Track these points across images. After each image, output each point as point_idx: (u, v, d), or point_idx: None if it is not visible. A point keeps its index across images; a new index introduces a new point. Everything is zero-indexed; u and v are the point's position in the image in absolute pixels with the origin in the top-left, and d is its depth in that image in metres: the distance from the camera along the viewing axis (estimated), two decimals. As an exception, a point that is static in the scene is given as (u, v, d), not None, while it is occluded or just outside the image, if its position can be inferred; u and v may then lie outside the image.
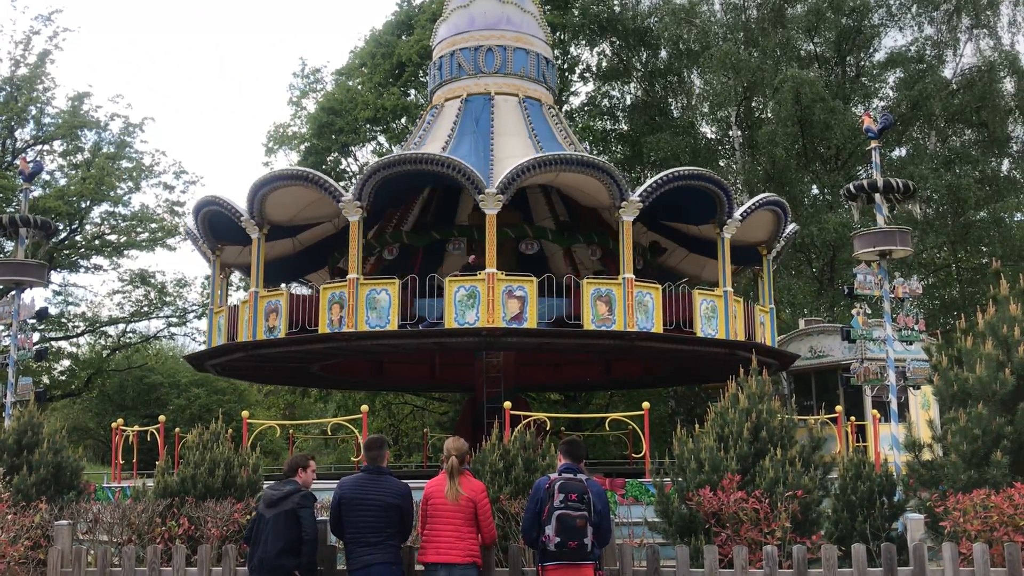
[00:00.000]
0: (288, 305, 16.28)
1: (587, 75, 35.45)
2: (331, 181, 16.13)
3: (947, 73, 31.51)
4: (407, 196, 18.69)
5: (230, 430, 10.75)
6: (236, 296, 31.87)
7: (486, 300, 15.08)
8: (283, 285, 19.21)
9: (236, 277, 26.36)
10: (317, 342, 15.95)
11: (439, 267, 18.60)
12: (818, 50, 32.27)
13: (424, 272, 16.78)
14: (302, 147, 33.40)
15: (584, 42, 34.54)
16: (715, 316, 16.37)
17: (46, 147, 32.02)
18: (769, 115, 30.71)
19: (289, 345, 16.27)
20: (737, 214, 16.69)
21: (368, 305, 15.43)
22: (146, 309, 34.50)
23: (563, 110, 31.00)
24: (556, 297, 15.97)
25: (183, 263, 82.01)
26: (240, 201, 16.86)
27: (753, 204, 17.19)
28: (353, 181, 32.42)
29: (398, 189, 16.85)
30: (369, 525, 7.20)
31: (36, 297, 14.43)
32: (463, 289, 15.32)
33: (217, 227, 17.90)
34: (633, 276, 15.68)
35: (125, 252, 33.23)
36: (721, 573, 7.54)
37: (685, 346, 16.33)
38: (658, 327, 15.72)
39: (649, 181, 16.25)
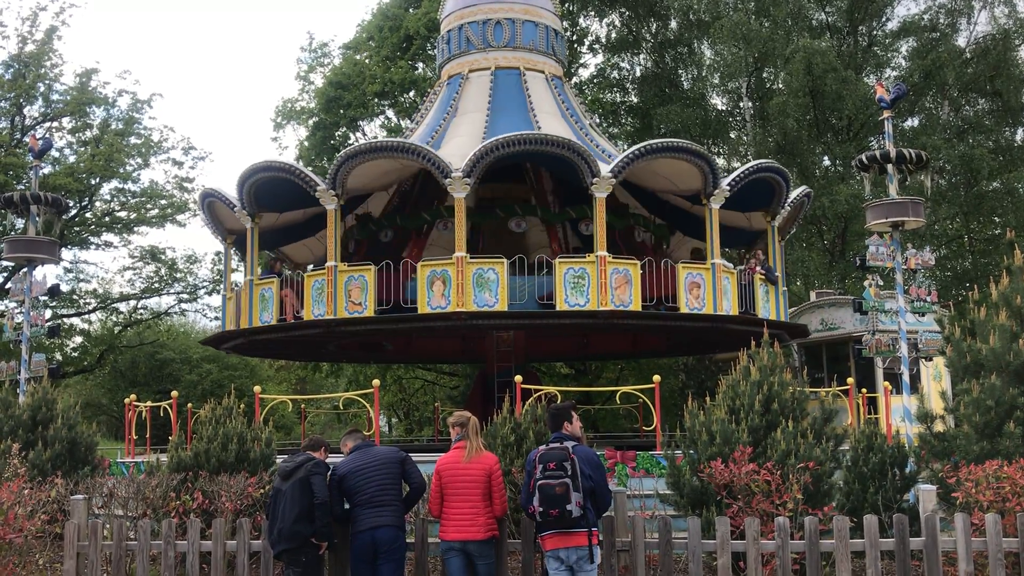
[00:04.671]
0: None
1: (596, 47, 35.18)
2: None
3: (961, 42, 31.18)
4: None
5: (242, 405, 10.82)
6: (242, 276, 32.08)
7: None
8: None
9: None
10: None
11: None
12: (830, 19, 31.92)
13: (418, 255, 16.87)
14: (310, 122, 33.31)
15: (593, 13, 34.25)
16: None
17: (55, 124, 32.01)
18: (780, 86, 30.44)
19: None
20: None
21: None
22: (157, 285, 34.64)
23: (572, 82, 30.79)
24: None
25: (193, 239, 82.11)
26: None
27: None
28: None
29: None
30: (376, 485, 7.39)
31: (48, 274, 14.53)
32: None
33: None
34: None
35: (135, 228, 33.30)
36: (733, 544, 7.56)
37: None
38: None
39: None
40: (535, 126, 17.43)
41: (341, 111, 31.80)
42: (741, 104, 32.52)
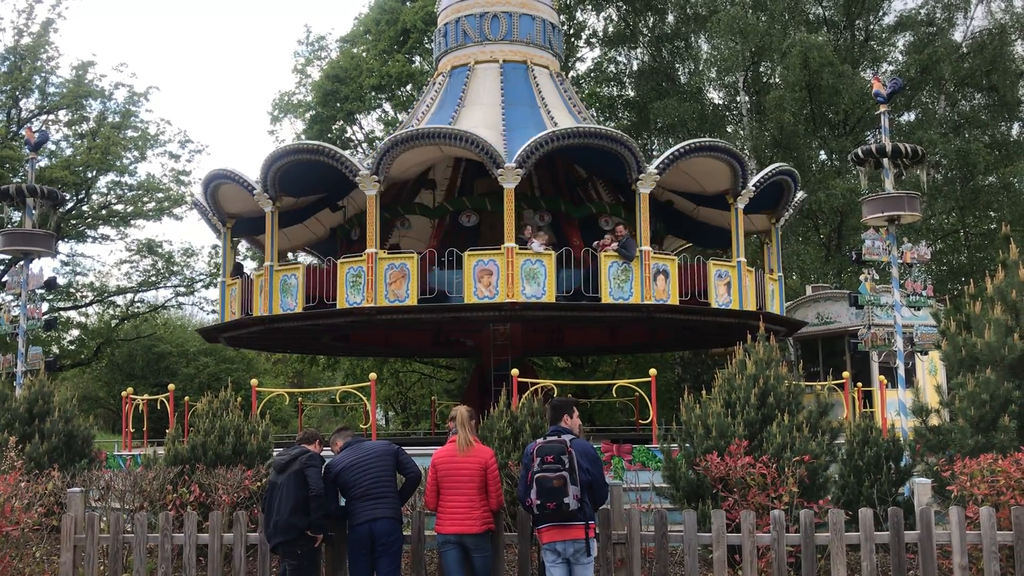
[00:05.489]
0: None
1: (593, 40, 35.16)
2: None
3: (957, 36, 31.18)
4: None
5: (239, 398, 10.82)
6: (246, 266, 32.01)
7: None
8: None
9: (243, 247, 26.44)
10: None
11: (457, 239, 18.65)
12: (827, 14, 31.92)
13: (443, 244, 16.86)
14: (307, 116, 33.27)
15: (590, 7, 34.20)
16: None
17: (51, 117, 31.97)
18: (777, 80, 30.43)
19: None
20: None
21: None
22: (154, 279, 34.62)
23: (569, 76, 30.78)
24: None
25: (190, 232, 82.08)
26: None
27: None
28: (360, 149, 32.35)
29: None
30: (372, 477, 7.44)
31: (44, 267, 14.54)
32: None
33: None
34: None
35: (132, 222, 33.29)
36: (729, 537, 7.59)
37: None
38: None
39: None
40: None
41: (338, 104, 31.76)
42: (738, 98, 32.50)
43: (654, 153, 27.77)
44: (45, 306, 28.94)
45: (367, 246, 15.58)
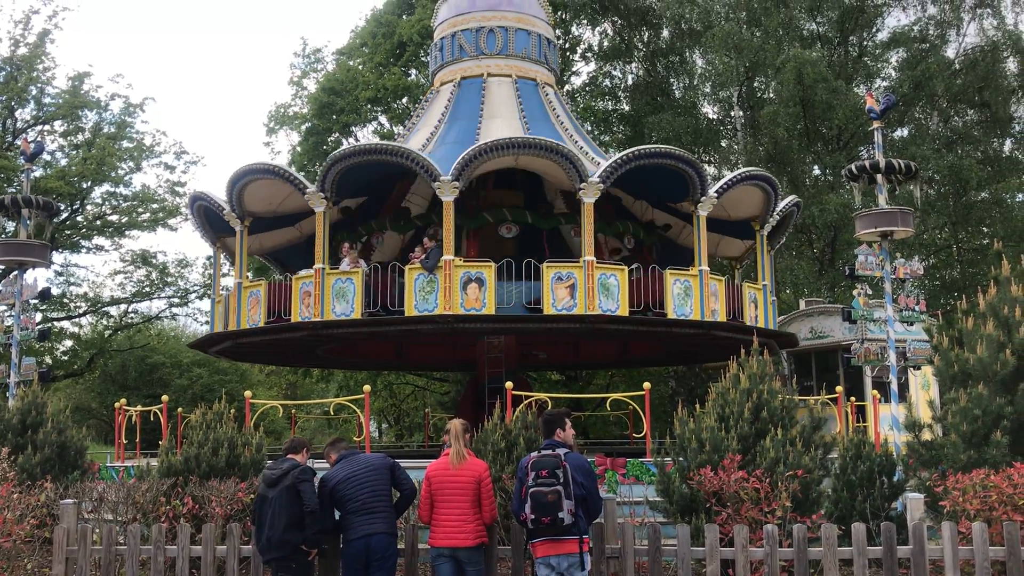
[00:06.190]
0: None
1: (588, 55, 35.30)
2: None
3: (950, 53, 31.40)
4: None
5: (232, 410, 10.81)
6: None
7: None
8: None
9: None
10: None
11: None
12: (821, 30, 32.12)
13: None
14: (303, 127, 33.33)
15: (585, 21, 34.37)
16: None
17: (47, 127, 31.97)
18: (771, 95, 30.58)
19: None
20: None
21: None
22: (148, 289, 34.56)
23: (564, 90, 30.90)
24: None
25: (184, 243, 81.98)
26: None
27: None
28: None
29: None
30: (368, 491, 7.43)
31: (38, 277, 14.65)
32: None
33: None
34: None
35: (126, 232, 33.25)
36: (722, 552, 7.60)
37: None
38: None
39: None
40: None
41: (334, 117, 31.81)
42: (732, 113, 32.66)
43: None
44: (39, 316, 28.86)
45: (237, 275, 16.79)
